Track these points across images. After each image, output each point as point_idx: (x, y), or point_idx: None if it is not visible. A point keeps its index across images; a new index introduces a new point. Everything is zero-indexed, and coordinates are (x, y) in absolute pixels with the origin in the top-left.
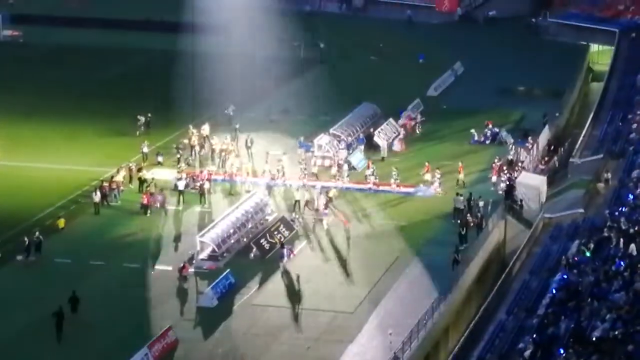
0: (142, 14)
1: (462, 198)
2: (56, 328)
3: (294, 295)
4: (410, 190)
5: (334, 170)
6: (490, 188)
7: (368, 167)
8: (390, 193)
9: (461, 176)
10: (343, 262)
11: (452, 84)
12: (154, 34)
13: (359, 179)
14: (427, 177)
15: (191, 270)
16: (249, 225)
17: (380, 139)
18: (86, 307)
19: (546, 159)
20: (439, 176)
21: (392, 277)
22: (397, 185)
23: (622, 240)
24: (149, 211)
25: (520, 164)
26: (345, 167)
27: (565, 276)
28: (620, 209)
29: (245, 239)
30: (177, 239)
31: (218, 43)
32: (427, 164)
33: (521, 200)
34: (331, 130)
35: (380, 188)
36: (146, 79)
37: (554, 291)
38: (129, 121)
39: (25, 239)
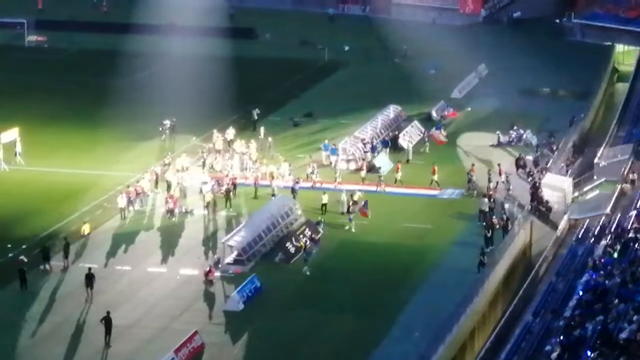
0: (165, 19)
1: (487, 200)
2: (105, 331)
3: (320, 298)
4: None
5: (362, 173)
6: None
7: (397, 170)
8: (415, 195)
9: (435, 177)
10: (369, 264)
11: (476, 86)
12: (178, 39)
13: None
14: (362, 174)
15: (217, 274)
16: (275, 229)
17: (405, 141)
18: (112, 312)
19: (572, 160)
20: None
21: (418, 279)
22: (320, 183)
23: None
24: (174, 216)
25: (545, 166)
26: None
27: (591, 278)
28: None
29: (270, 243)
30: (203, 243)
31: (242, 47)
32: (362, 162)
33: (547, 202)
34: (356, 133)
35: (406, 191)
36: (171, 83)
37: (581, 293)
38: (154, 125)
39: (46, 246)
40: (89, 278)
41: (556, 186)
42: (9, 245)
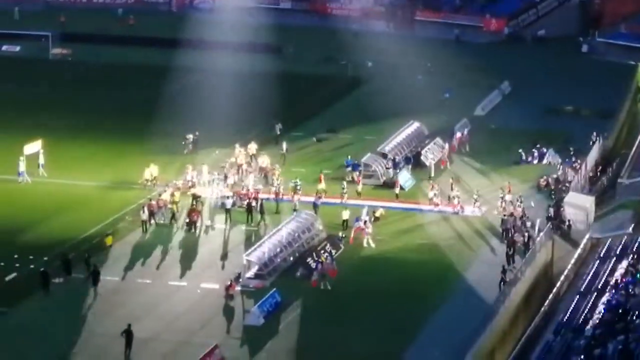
0: (191, 34)
1: (509, 218)
2: (126, 344)
3: (340, 314)
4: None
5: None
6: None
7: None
8: (438, 213)
9: (359, 187)
10: (389, 281)
11: (499, 104)
12: (203, 53)
13: (409, 199)
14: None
15: (238, 288)
16: (296, 244)
17: (427, 158)
18: (133, 325)
19: (594, 179)
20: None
21: (438, 296)
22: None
23: None
24: (195, 229)
25: (567, 184)
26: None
27: (613, 297)
28: None
29: (291, 258)
30: (224, 257)
31: (265, 62)
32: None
33: (569, 221)
34: (378, 149)
35: (431, 208)
36: (194, 97)
37: (602, 312)
38: (177, 139)
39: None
40: (95, 274)
41: (578, 205)
42: (31, 257)
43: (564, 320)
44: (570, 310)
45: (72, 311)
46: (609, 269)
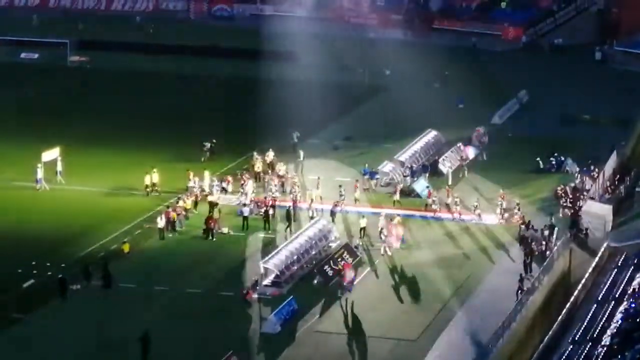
0: (208, 41)
1: (526, 227)
2: (142, 352)
3: (357, 322)
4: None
5: (396, 196)
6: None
7: (429, 196)
8: (453, 221)
9: (356, 193)
10: (406, 290)
11: (517, 112)
12: (220, 61)
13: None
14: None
15: (255, 296)
16: (313, 252)
17: (444, 166)
18: (150, 332)
19: (612, 188)
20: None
21: (455, 304)
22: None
23: None
24: (212, 236)
25: (585, 193)
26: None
27: (631, 306)
28: None
29: (308, 266)
30: (241, 264)
31: (283, 70)
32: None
33: (586, 229)
34: (395, 157)
35: (444, 215)
36: (212, 105)
37: (620, 321)
38: (194, 147)
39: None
40: (108, 278)
41: (596, 213)
42: (48, 264)
43: (582, 329)
44: (587, 319)
45: (88, 318)
46: (627, 277)
